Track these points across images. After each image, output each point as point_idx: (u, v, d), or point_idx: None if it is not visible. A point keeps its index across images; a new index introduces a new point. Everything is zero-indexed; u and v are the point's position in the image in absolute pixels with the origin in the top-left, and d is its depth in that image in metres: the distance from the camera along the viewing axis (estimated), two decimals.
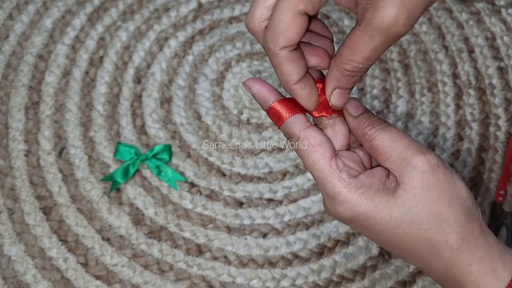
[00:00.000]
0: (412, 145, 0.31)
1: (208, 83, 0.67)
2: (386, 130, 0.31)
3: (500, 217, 0.59)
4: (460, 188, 0.31)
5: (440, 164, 0.31)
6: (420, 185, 0.30)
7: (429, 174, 0.30)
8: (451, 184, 0.31)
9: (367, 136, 0.32)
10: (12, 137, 0.63)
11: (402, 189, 0.30)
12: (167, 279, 0.56)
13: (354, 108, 0.33)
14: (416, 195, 0.30)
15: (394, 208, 0.30)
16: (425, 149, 0.31)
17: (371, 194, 0.30)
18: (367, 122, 0.32)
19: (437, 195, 0.30)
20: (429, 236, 0.30)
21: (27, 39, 0.69)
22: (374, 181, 0.31)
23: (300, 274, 0.57)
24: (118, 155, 0.61)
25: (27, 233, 0.58)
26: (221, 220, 0.59)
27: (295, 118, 0.32)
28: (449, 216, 0.30)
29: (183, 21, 0.71)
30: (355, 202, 0.30)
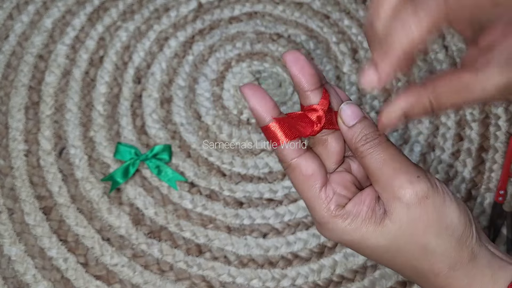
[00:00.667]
0: (402, 171, 0.30)
1: (208, 83, 0.67)
2: (378, 149, 0.30)
3: (500, 217, 0.59)
4: (451, 217, 0.30)
5: (430, 194, 0.30)
6: (406, 218, 0.30)
7: (416, 207, 0.29)
8: (441, 214, 0.30)
9: (359, 153, 0.31)
10: (12, 137, 0.63)
11: (389, 219, 0.30)
12: (167, 279, 0.56)
13: (350, 116, 0.31)
14: (402, 228, 0.30)
15: (380, 238, 0.30)
16: (416, 176, 0.30)
17: (358, 224, 0.30)
18: (360, 135, 0.31)
19: (424, 228, 0.30)
20: (415, 264, 0.31)
21: (27, 39, 0.69)
22: (363, 208, 0.31)
23: (300, 274, 0.57)
24: (118, 155, 0.61)
25: (27, 233, 0.58)
26: (221, 220, 0.59)
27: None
28: (435, 248, 0.30)
29: (183, 21, 0.71)
30: (342, 232, 0.31)
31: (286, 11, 0.72)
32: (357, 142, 0.31)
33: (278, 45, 0.70)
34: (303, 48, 0.70)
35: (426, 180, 0.30)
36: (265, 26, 0.71)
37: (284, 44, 0.70)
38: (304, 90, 0.31)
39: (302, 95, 0.31)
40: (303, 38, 0.70)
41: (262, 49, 0.70)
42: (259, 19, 0.72)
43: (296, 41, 0.70)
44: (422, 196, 0.29)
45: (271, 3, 0.73)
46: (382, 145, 0.30)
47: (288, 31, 0.71)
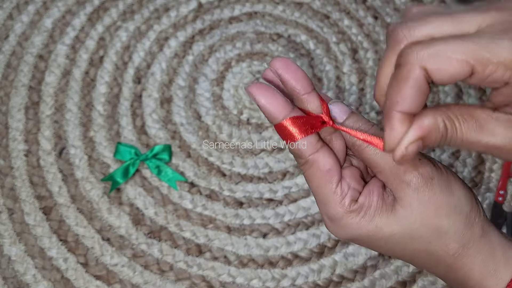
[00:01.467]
0: None
1: (208, 83, 0.67)
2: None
3: (500, 217, 0.59)
4: (458, 196, 0.30)
5: (435, 175, 0.30)
6: (417, 202, 0.30)
7: (424, 189, 0.30)
8: (448, 194, 0.30)
9: (356, 147, 0.31)
10: (12, 137, 0.63)
11: (400, 205, 0.30)
12: (167, 279, 0.56)
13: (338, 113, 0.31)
14: (414, 212, 0.30)
15: (393, 226, 0.31)
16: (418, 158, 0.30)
17: (371, 215, 0.31)
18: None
19: (434, 210, 0.30)
20: (429, 248, 0.31)
21: (27, 39, 0.69)
22: (373, 199, 0.31)
23: (300, 274, 0.57)
24: (118, 155, 0.61)
25: (27, 233, 0.58)
26: (221, 220, 0.59)
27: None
28: (448, 228, 0.30)
29: (183, 21, 0.71)
30: (357, 227, 0.31)
31: (286, 11, 0.72)
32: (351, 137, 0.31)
33: (278, 45, 0.70)
34: (303, 48, 0.70)
35: (428, 162, 0.30)
36: (265, 26, 0.71)
37: (284, 44, 0.70)
38: (300, 94, 0.30)
39: (298, 99, 0.31)
40: (303, 38, 0.70)
41: (262, 49, 0.70)
42: (259, 19, 0.72)
43: (296, 41, 0.70)
44: (428, 177, 0.30)
45: (271, 3, 0.73)
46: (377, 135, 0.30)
47: (288, 31, 0.71)
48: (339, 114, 0.31)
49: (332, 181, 0.31)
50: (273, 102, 0.29)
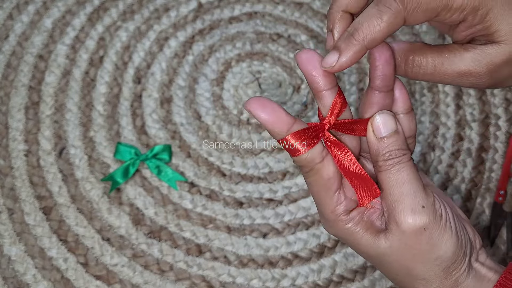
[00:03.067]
0: (409, 197, 0.30)
1: (208, 83, 0.67)
2: (396, 168, 0.30)
3: (500, 217, 0.59)
4: (445, 249, 0.30)
5: (429, 226, 0.30)
6: (399, 242, 0.30)
7: (410, 235, 0.30)
8: (434, 246, 0.30)
9: (378, 166, 0.31)
10: (12, 137, 0.63)
11: (384, 235, 0.31)
12: (167, 279, 0.56)
13: (381, 127, 0.30)
14: (392, 248, 0.31)
15: (370, 249, 0.32)
16: (421, 205, 0.30)
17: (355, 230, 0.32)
18: (385, 150, 0.30)
19: (413, 255, 0.31)
20: (399, 280, 0.32)
21: (27, 39, 0.69)
22: (363, 218, 0.32)
23: (300, 274, 0.57)
24: (118, 155, 0.61)
25: (27, 233, 0.58)
26: (221, 220, 0.59)
27: (310, 153, 0.30)
28: (419, 273, 0.31)
29: (183, 21, 0.71)
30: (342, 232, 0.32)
31: (286, 11, 0.72)
32: (379, 156, 0.31)
33: (278, 45, 0.70)
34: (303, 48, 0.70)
35: (429, 212, 0.30)
36: (265, 26, 0.71)
37: (284, 44, 0.70)
38: (318, 90, 0.31)
39: (317, 95, 0.31)
40: (303, 38, 0.70)
41: (262, 49, 0.70)
42: (259, 19, 0.72)
43: (296, 41, 0.70)
44: (420, 227, 0.30)
45: (271, 3, 0.73)
46: (401, 165, 0.30)
47: (288, 31, 0.71)
48: (381, 128, 0.31)
49: (331, 189, 0.31)
50: (275, 118, 0.29)
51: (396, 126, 0.31)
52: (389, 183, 0.30)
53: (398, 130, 0.31)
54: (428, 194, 0.31)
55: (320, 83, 0.30)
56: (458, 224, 0.32)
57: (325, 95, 0.31)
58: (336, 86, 0.31)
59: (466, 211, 0.60)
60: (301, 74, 0.68)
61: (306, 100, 0.66)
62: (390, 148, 0.30)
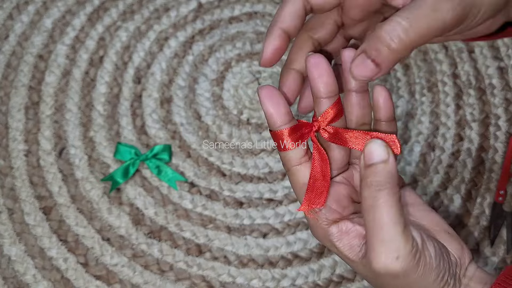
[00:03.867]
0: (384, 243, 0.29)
1: (208, 83, 0.67)
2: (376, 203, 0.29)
3: (500, 217, 0.59)
4: (425, 284, 0.30)
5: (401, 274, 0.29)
6: (374, 279, 0.31)
7: (384, 278, 0.30)
8: (412, 285, 0.30)
9: (362, 195, 0.30)
10: (12, 137, 0.63)
11: (362, 264, 0.31)
12: (167, 279, 0.56)
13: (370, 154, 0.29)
14: (368, 278, 0.32)
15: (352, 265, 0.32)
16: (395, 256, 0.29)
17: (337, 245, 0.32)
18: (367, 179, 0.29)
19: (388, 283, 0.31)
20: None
21: (27, 39, 0.69)
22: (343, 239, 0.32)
23: (300, 274, 0.57)
24: (118, 155, 0.61)
25: (27, 233, 0.58)
26: (221, 220, 0.59)
27: (292, 153, 0.31)
28: None
29: (183, 21, 0.71)
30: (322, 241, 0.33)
31: None
32: (363, 184, 0.30)
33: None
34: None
35: (403, 263, 0.29)
36: (265, 26, 0.71)
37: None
38: (317, 97, 0.31)
39: (316, 101, 0.31)
40: None
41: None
42: (259, 19, 0.72)
43: None
44: (393, 275, 0.29)
45: (271, 3, 0.73)
46: (381, 202, 0.29)
47: None
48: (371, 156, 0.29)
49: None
50: (276, 109, 0.31)
51: (385, 156, 0.29)
52: (367, 218, 0.29)
53: (387, 160, 0.29)
54: (407, 239, 0.29)
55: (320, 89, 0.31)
56: (439, 256, 0.31)
57: (323, 103, 0.31)
58: (337, 96, 0.31)
59: (466, 211, 0.60)
60: None
61: None
62: (373, 177, 0.29)
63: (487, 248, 0.59)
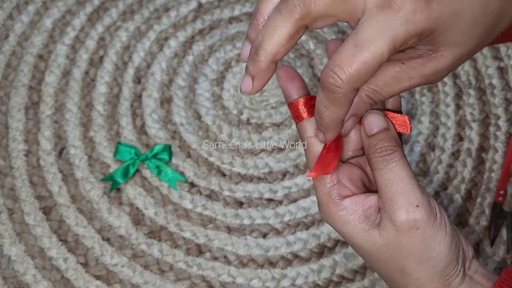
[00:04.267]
0: (404, 196, 0.30)
1: (208, 83, 0.67)
2: (389, 166, 0.30)
3: (500, 217, 0.59)
4: (439, 250, 0.31)
5: (423, 226, 0.30)
6: (393, 240, 0.31)
7: (404, 233, 0.30)
8: (428, 246, 0.30)
9: (371, 164, 0.31)
10: (12, 137, 0.63)
11: (379, 232, 0.31)
12: (167, 279, 0.56)
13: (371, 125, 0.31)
14: (387, 245, 0.31)
15: (365, 243, 0.32)
16: (415, 204, 0.30)
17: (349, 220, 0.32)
18: (376, 147, 0.31)
19: (406, 253, 0.31)
20: (392, 277, 0.32)
21: (27, 39, 0.69)
22: (358, 210, 0.32)
23: (300, 274, 0.57)
24: (118, 155, 0.61)
25: (27, 233, 0.58)
26: (221, 220, 0.59)
27: (308, 122, 0.32)
28: (412, 272, 0.31)
29: (183, 21, 0.71)
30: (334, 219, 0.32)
31: None
32: (371, 153, 0.31)
33: None
34: (303, 48, 0.70)
35: (423, 211, 0.30)
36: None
37: None
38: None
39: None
40: (303, 38, 0.70)
41: None
42: None
43: None
44: (413, 225, 0.30)
45: None
46: (393, 162, 0.30)
47: None
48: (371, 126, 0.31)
49: None
50: (290, 83, 0.32)
51: (386, 124, 0.31)
52: (383, 182, 0.30)
53: (388, 127, 0.31)
54: (423, 193, 0.31)
55: None
56: (452, 227, 0.32)
57: None
58: None
59: (466, 211, 0.60)
60: (301, 74, 0.68)
61: None
62: (380, 144, 0.31)
63: (487, 248, 0.59)
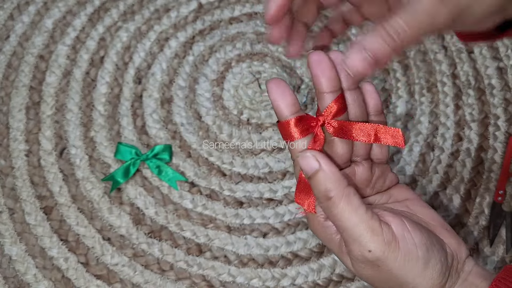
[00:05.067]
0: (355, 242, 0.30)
1: (208, 84, 0.67)
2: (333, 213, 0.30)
3: (499, 217, 0.60)
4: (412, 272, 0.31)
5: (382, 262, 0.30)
6: (364, 273, 0.32)
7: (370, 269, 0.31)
8: (400, 275, 0.31)
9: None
10: (13, 137, 0.63)
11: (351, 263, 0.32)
12: (167, 278, 0.56)
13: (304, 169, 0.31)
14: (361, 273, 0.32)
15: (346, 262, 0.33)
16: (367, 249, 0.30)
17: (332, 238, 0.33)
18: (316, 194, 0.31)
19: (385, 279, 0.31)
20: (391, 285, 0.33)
21: (28, 39, 0.69)
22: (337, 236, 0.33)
23: (300, 273, 0.57)
24: (119, 155, 0.62)
25: (27, 232, 0.58)
26: (221, 220, 0.59)
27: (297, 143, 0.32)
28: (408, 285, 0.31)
29: (184, 21, 0.71)
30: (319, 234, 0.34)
31: None
32: (316, 198, 0.31)
33: (277, 45, 0.70)
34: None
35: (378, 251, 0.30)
36: (265, 27, 0.71)
37: (284, 44, 0.70)
38: (320, 92, 0.32)
39: (318, 96, 0.32)
40: None
41: (262, 49, 0.70)
42: (259, 19, 0.72)
43: None
44: (373, 265, 0.31)
45: None
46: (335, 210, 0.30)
47: None
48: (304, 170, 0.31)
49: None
50: (282, 100, 0.31)
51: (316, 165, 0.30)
52: (334, 226, 0.32)
53: (321, 168, 0.30)
54: (373, 233, 0.30)
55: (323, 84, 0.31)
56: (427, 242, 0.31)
57: (326, 97, 0.31)
58: (339, 91, 0.32)
59: (466, 211, 0.61)
60: (301, 74, 0.68)
61: (306, 101, 0.66)
62: (316, 192, 0.31)
63: (486, 247, 0.59)
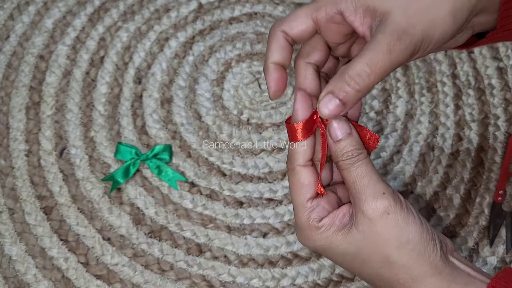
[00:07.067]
0: (370, 187, 0.33)
1: (208, 84, 0.67)
2: (355, 165, 0.33)
3: (499, 217, 0.60)
4: (413, 233, 0.33)
5: (392, 210, 0.32)
6: (369, 230, 0.33)
7: (377, 221, 0.32)
8: (401, 230, 0.32)
9: (339, 166, 0.34)
10: (13, 137, 0.63)
11: (356, 228, 0.34)
12: (167, 278, 0.56)
13: (334, 131, 0.34)
14: (366, 238, 0.33)
15: (347, 245, 0.34)
16: (381, 192, 0.33)
17: (329, 234, 0.34)
18: (343, 151, 0.34)
19: (385, 240, 0.33)
20: (381, 273, 0.34)
21: (27, 39, 0.69)
22: (335, 222, 0.34)
23: (300, 273, 0.57)
24: (119, 155, 0.62)
25: (27, 232, 0.58)
26: (221, 220, 0.59)
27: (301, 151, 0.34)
28: (397, 259, 0.33)
29: (184, 21, 0.71)
30: (314, 239, 0.35)
31: (286, 11, 0.72)
32: (339, 157, 0.34)
33: None
34: None
35: (390, 197, 0.33)
36: (265, 27, 0.71)
37: None
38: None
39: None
40: None
41: (262, 49, 0.70)
42: (259, 19, 0.72)
43: None
44: (384, 211, 0.32)
45: (271, 4, 0.73)
46: (358, 162, 0.33)
47: None
48: (336, 132, 0.34)
49: (306, 195, 0.35)
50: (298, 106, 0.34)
51: (349, 129, 0.34)
52: (351, 178, 0.33)
53: (352, 133, 0.34)
54: (386, 184, 0.33)
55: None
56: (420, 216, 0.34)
57: None
58: None
59: (466, 211, 0.61)
60: None
61: None
62: (346, 149, 0.33)
63: (486, 247, 0.59)
